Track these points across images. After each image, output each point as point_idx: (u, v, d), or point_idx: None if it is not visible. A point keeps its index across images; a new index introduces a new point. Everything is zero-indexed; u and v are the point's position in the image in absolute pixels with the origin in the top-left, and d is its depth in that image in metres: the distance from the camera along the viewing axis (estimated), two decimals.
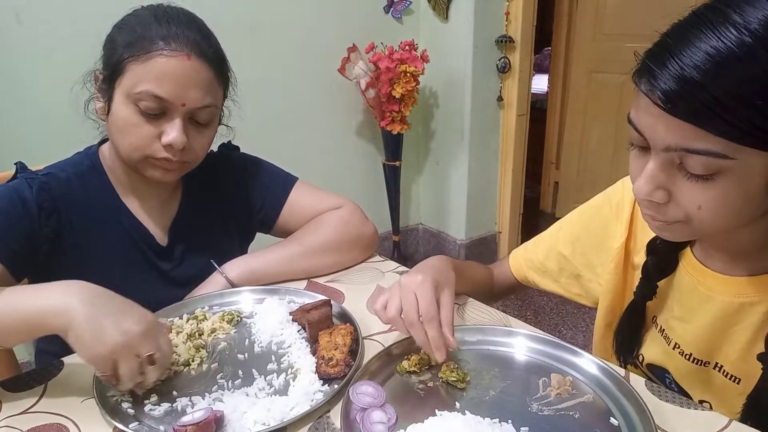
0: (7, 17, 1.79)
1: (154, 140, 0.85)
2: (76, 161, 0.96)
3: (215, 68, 0.88)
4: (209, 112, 0.89)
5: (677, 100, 0.54)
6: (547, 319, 2.55)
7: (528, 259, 1.00)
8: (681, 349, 0.78)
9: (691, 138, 0.55)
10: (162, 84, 0.82)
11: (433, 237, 3.10)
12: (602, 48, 3.04)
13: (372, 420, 0.64)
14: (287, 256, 1.02)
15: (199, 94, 0.85)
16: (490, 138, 2.85)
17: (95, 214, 0.93)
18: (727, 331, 0.73)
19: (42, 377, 0.77)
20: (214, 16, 1.11)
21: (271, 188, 1.08)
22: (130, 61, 0.82)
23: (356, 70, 2.49)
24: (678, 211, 0.61)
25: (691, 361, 0.77)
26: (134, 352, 0.67)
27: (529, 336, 0.80)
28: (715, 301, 0.73)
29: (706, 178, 0.58)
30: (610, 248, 0.87)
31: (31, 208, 0.86)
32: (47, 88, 1.87)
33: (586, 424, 0.66)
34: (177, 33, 0.83)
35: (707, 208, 0.59)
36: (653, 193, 0.61)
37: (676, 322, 0.79)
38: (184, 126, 0.85)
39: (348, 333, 0.78)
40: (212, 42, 0.89)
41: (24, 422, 0.68)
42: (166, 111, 0.84)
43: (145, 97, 0.82)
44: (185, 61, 0.83)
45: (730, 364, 0.74)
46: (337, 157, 2.74)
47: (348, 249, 1.06)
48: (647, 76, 0.57)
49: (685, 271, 0.77)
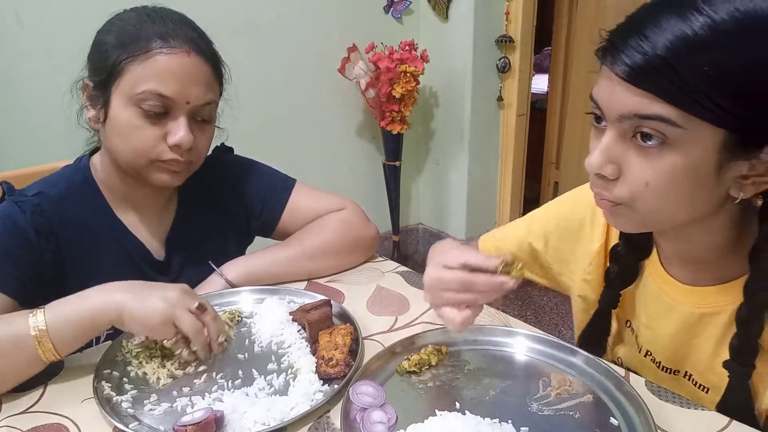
0: (7, 17, 1.79)
1: (159, 142, 0.83)
2: (67, 176, 0.93)
3: (212, 64, 0.87)
4: (210, 109, 0.88)
5: (637, 71, 0.57)
6: (547, 319, 2.55)
7: (498, 248, 0.98)
8: (652, 357, 0.78)
9: (645, 104, 0.57)
10: (165, 82, 0.81)
11: (433, 237, 3.10)
12: None
13: (372, 420, 0.64)
14: (287, 258, 1.01)
15: (202, 91, 0.84)
16: (490, 138, 2.85)
17: (91, 232, 0.90)
18: (692, 341, 0.73)
19: (42, 377, 0.76)
20: (214, 15, 1.11)
21: (270, 192, 1.06)
22: (128, 62, 0.81)
23: (356, 70, 2.49)
24: (625, 189, 0.62)
25: (661, 369, 0.78)
26: (185, 306, 0.75)
27: (529, 336, 0.80)
28: (678, 310, 0.74)
29: (655, 150, 0.59)
30: (586, 250, 0.86)
31: (29, 234, 0.83)
32: (47, 88, 1.87)
33: (586, 424, 0.66)
34: (174, 30, 0.83)
35: (654, 185, 0.60)
36: (604, 167, 0.62)
37: (644, 329, 0.79)
38: (189, 125, 0.84)
39: (348, 333, 0.78)
40: (206, 38, 0.89)
41: (24, 422, 0.68)
42: (169, 110, 0.83)
43: (149, 96, 0.81)
44: (186, 58, 0.82)
45: (698, 373, 0.74)
46: (337, 157, 2.74)
47: (349, 251, 1.06)
48: (611, 49, 0.59)
49: (652, 279, 0.78)
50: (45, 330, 0.71)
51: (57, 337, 0.72)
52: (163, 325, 0.74)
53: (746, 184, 0.60)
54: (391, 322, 0.88)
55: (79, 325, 0.73)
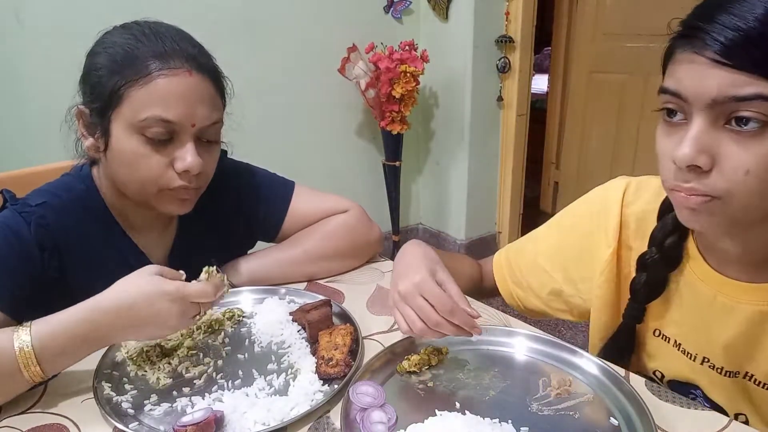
0: (7, 17, 1.79)
1: (167, 169, 0.79)
2: (69, 185, 0.88)
3: (214, 81, 0.83)
4: (216, 129, 0.84)
5: (731, 48, 0.54)
6: (547, 319, 2.54)
7: (512, 269, 0.95)
8: (711, 363, 0.74)
9: (742, 84, 0.54)
10: (169, 106, 0.76)
11: (433, 237, 3.10)
12: (602, 48, 3.04)
13: (372, 420, 0.64)
14: (289, 260, 1.00)
15: (206, 111, 0.80)
16: (490, 138, 2.85)
17: (95, 244, 0.87)
18: (756, 340, 0.70)
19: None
20: (214, 16, 1.11)
21: (271, 198, 1.03)
22: (126, 87, 0.76)
23: (356, 70, 2.49)
24: (722, 180, 0.57)
25: (722, 374, 0.73)
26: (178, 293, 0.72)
27: (529, 336, 0.80)
28: (740, 310, 0.70)
29: (754, 134, 0.55)
30: (595, 260, 0.82)
31: (33, 250, 0.79)
32: (47, 88, 1.87)
33: (586, 424, 0.66)
34: (172, 48, 0.78)
35: (755, 173, 0.56)
36: (698, 158, 0.57)
37: (696, 335, 0.74)
38: (196, 148, 0.80)
39: (348, 333, 0.78)
40: (206, 53, 0.84)
41: (24, 422, 0.68)
42: (174, 135, 0.79)
43: (152, 123, 0.76)
44: (187, 78, 0.77)
45: (762, 373, 0.71)
46: (337, 157, 2.74)
47: (353, 256, 1.05)
48: (695, 33, 0.57)
49: (700, 283, 0.73)
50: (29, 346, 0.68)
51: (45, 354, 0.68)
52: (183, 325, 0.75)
53: None
54: (391, 322, 0.88)
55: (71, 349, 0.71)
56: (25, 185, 0.90)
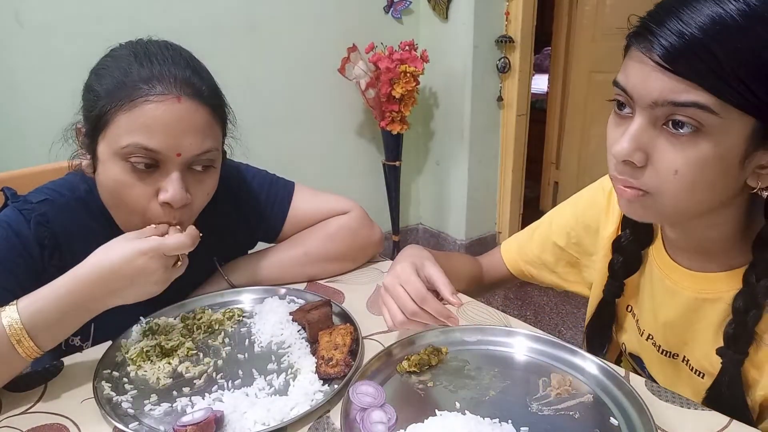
0: (7, 18, 1.79)
1: (150, 200, 0.76)
2: (71, 184, 0.87)
3: (211, 107, 0.78)
4: (209, 157, 0.79)
5: (674, 54, 0.56)
6: (547, 319, 2.55)
7: (523, 253, 0.99)
8: (653, 340, 0.79)
9: (681, 91, 0.56)
10: (152, 134, 0.72)
11: (432, 237, 3.10)
12: (602, 48, 3.05)
13: (372, 420, 0.64)
14: (290, 261, 1.00)
15: (196, 140, 0.76)
16: (490, 138, 2.85)
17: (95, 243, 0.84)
18: (692, 327, 0.74)
19: (42, 377, 0.77)
20: (215, 16, 1.11)
21: (272, 200, 1.03)
22: (113, 112, 0.73)
23: (356, 70, 2.49)
24: (653, 177, 0.61)
25: (661, 352, 0.78)
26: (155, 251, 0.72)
27: (529, 336, 0.80)
28: (680, 295, 0.75)
29: (687, 138, 0.58)
30: (602, 237, 0.87)
31: (32, 248, 0.79)
32: (46, 89, 1.87)
33: (586, 424, 0.66)
34: (162, 72, 0.74)
35: (683, 174, 0.59)
36: (633, 154, 0.61)
37: (647, 313, 0.80)
38: (183, 178, 0.76)
39: (348, 333, 0.78)
40: (204, 76, 0.79)
41: (24, 422, 0.68)
42: (159, 164, 0.75)
43: (134, 150, 0.73)
44: (175, 105, 0.73)
45: (695, 359, 0.75)
46: (337, 157, 2.74)
47: (354, 257, 1.05)
48: (645, 34, 0.59)
49: (656, 265, 0.79)
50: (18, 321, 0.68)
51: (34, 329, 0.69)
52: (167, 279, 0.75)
53: (764, 174, 0.61)
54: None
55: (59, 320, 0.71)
56: (25, 185, 0.90)
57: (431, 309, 0.71)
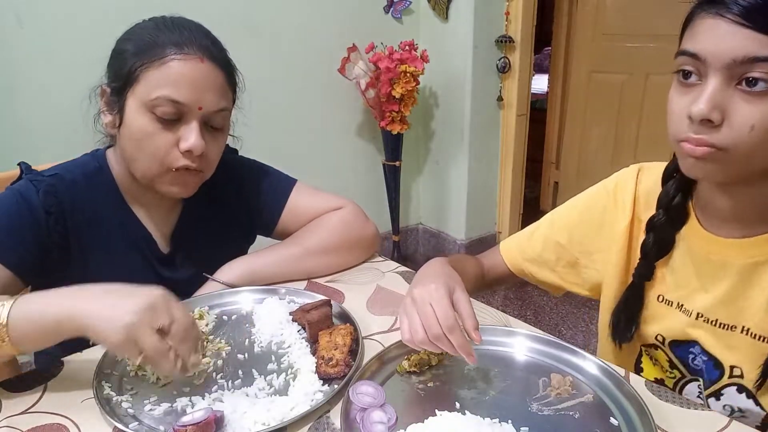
0: (7, 18, 1.79)
1: (172, 148, 0.84)
2: (83, 162, 0.95)
3: (226, 72, 0.88)
4: (223, 117, 0.89)
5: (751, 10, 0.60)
6: (547, 319, 2.55)
7: (523, 250, 1.00)
8: (705, 317, 0.79)
9: (760, 46, 0.60)
10: (179, 87, 0.82)
11: (432, 237, 3.10)
12: (602, 48, 3.04)
13: (372, 420, 0.64)
14: (287, 257, 1.02)
15: (215, 98, 0.85)
16: (490, 138, 2.85)
17: (101, 218, 0.92)
18: (747, 294, 0.75)
19: (42, 377, 0.77)
20: (215, 15, 1.11)
21: (271, 192, 1.07)
22: (143, 69, 0.82)
23: (356, 70, 2.49)
24: (728, 135, 0.64)
25: (718, 326, 0.78)
26: (148, 326, 0.66)
27: (529, 336, 0.80)
28: (730, 266, 0.76)
29: (762, 94, 0.61)
30: (611, 233, 0.88)
31: (39, 213, 0.85)
32: (47, 89, 1.87)
33: (586, 424, 0.66)
34: (189, 38, 0.84)
35: (758, 129, 0.62)
36: (711, 112, 0.63)
37: (695, 294, 0.80)
38: (201, 131, 0.85)
39: (348, 333, 0.78)
40: (221, 47, 0.90)
41: (24, 422, 0.68)
42: (182, 117, 0.83)
43: (162, 102, 0.81)
44: (199, 64, 0.83)
45: (755, 325, 0.75)
46: (337, 157, 2.74)
47: (349, 250, 1.06)
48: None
49: (694, 245, 0.80)
50: (4, 324, 0.68)
51: (16, 333, 0.69)
52: (127, 345, 0.66)
53: None
54: (391, 322, 0.88)
55: (41, 329, 0.70)
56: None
57: (455, 341, 0.68)
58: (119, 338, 0.66)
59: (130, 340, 0.66)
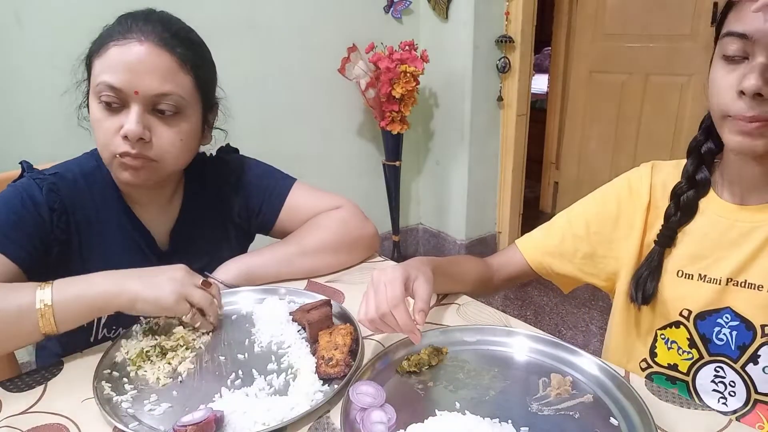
0: (7, 18, 1.79)
1: (115, 135, 0.83)
2: (82, 161, 0.95)
3: (179, 56, 0.85)
4: (173, 101, 0.85)
5: None
6: (547, 319, 2.55)
7: (542, 244, 1.01)
8: (735, 281, 0.81)
9: None
10: (114, 72, 0.81)
11: (433, 237, 3.10)
12: (602, 48, 3.05)
13: (372, 420, 0.64)
14: (285, 257, 1.01)
15: (155, 81, 0.82)
16: (490, 138, 2.85)
17: (101, 215, 0.93)
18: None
19: (42, 377, 0.77)
20: (215, 15, 1.11)
21: (270, 190, 1.07)
22: (93, 59, 0.84)
23: (356, 70, 2.49)
24: None
25: (749, 287, 0.80)
26: (192, 284, 0.82)
27: (529, 336, 0.80)
28: (757, 230, 0.79)
29: None
30: (628, 222, 0.91)
31: (43, 210, 0.86)
32: (47, 88, 1.87)
33: (586, 424, 0.66)
34: (134, 25, 0.84)
35: None
36: (763, 87, 0.68)
37: (717, 263, 0.83)
38: (144, 117, 0.83)
39: (348, 333, 0.78)
40: (179, 33, 0.87)
41: (24, 422, 0.68)
42: (125, 102, 0.83)
43: (103, 88, 0.82)
44: (136, 46, 0.82)
45: None
46: (337, 157, 2.74)
47: (347, 250, 1.06)
48: None
49: (717, 217, 0.83)
50: (50, 306, 0.75)
51: (60, 314, 0.75)
52: (178, 303, 0.79)
53: None
54: None
55: (87, 307, 0.77)
56: None
57: (398, 318, 0.72)
58: (173, 297, 0.79)
59: (182, 298, 0.80)
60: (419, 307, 0.74)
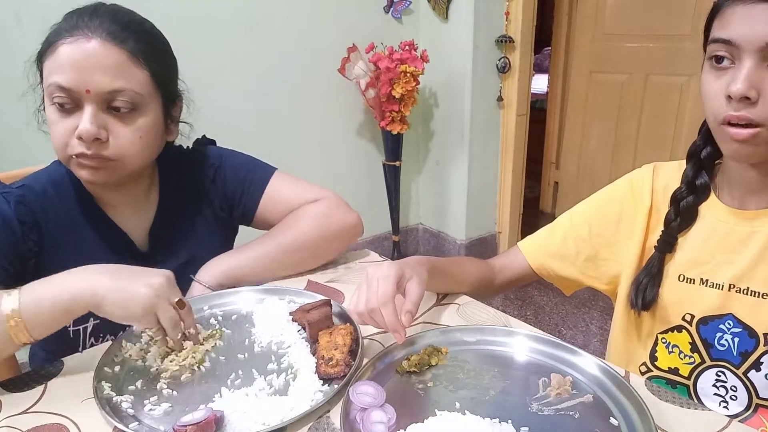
0: (7, 17, 1.79)
1: (70, 136, 0.81)
2: (51, 170, 0.93)
3: (130, 51, 0.81)
4: (127, 98, 0.82)
5: None
6: (547, 319, 2.55)
7: (544, 246, 1.01)
8: (737, 287, 0.81)
9: None
10: (64, 72, 0.79)
11: (433, 237, 3.10)
12: (602, 48, 3.04)
13: (372, 420, 0.64)
14: (264, 254, 0.99)
15: (106, 78, 0.80)
16: (490, 138, 2.85)
17: (75, 222, 0.90)
18: None
19: (42, 377, 0.77)
20: (215, 15, 1.11)
21: (249, 180, 1.04)
22: (44, 60, 0.82)
23: (356, 70, 2.49)
24: (764, 110, 0.70)
25: (752, 295, 0.80)
26: (165, 299, 0.75)
27: (529, 336, 0.80)
28: (758, 233, 0.80)
29: None
30: (630, 225, 0.91)
31: (12, 223, 0.84)
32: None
33: (586, 424, 0.66)
34: (79, 21, 0.81)
35: None
36: (749, 90, 0.69)
37: (719, 267, 0.83)
38: (98, 116, 0.81)
39: (348, 333, 0.78)
40: (130, 25, 0.83)
41: (24, 422, 0.68)
42: (77, 103, 0.80)
43: (54, 89, 0.80)
44: (84, 44, 0.79)
45: None
46: (337, 157, 2.74)
47: (328, 242, 1.04)
48: None
49: (717, 221, 0.84)
50: (18, 310, 0.71)
51: (30, 318, 0.72)
52: (145, 315, 0.74)
53: None
54: None
55: (53, 308, 0.73)
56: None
57: (385, 315, 0.73)
58: (138, 310, 0.73)
59: (149, 313, 0.74)
60: (407, 308, 0.75)
